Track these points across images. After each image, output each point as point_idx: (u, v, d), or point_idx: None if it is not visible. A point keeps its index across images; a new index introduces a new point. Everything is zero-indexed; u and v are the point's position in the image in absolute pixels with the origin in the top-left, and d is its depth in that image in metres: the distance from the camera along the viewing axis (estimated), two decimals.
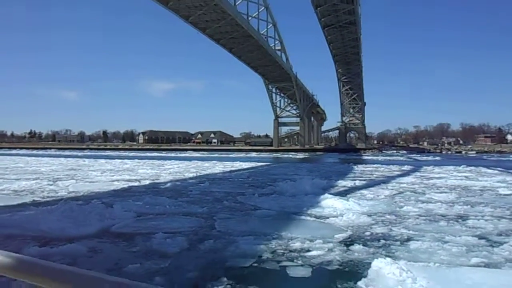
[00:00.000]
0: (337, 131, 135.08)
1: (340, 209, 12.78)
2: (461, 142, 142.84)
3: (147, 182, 21.82)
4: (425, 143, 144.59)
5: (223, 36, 70.71)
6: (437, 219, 11.77)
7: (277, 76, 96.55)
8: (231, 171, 31.02)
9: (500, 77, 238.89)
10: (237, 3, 61.23)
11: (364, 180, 24.05)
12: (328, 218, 11.86)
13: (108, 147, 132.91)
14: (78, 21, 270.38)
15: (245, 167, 36.83)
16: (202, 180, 23.46)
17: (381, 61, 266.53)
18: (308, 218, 12.03)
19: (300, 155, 79.74)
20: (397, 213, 12.68)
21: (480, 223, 11.10)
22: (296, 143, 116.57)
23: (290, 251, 8.61)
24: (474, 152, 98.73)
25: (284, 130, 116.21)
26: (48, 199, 15.60)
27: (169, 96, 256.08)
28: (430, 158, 65.17)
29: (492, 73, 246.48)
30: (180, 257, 8.15)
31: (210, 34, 69.26)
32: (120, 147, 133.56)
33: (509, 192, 18.00)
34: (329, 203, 13.66)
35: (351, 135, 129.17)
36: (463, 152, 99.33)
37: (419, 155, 78.77)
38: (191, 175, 26.81)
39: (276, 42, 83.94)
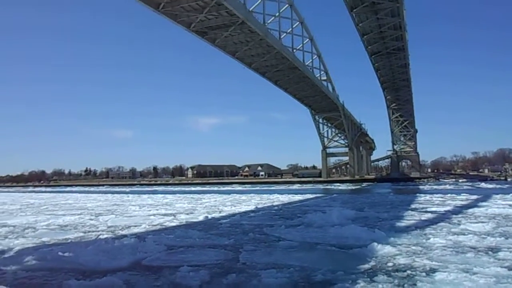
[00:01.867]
0: (387, 160, 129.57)
1: (364, 239, 12.47)
2: None
3: (182, 216, 22.12)
4: (486, 170, 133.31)
5: (268, 69, 71.18)
6: (465, 250, 11.22)
7: (324, 106, 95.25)
8: (265, 204, 30.83)
9: None
10: (282, 37, 61.28)
11: (399, 211, 23.33)
12: (351, 248, 11.60)
13: (159, 182, 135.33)
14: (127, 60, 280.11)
15: (281, 199, 36.51)
16: (235, 213, 23.54)
17: (432, 85, 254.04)
18: (332, 248, 11.81)
19: (351, 186, 76.89)
20: (423, 244, 12.22)
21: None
22: (345, 173, 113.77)
23: (312, 283, 8.51)
24: None
25: (332, 160, 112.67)
26: (88, 233, 16.16)
27: (215, 130, 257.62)
28: (503, 186, 58.97)
29: None
30: None
31: (256, 68, 69.58)
32: (170, 182, 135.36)
33: None
34: (355, 233, 13.37)
35: (403, 163, 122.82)
36: None
37: (482, 183, 70.34)
38: (225, 208, 26.96)
39: (321, 73, 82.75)
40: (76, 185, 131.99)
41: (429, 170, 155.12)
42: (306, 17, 67.81)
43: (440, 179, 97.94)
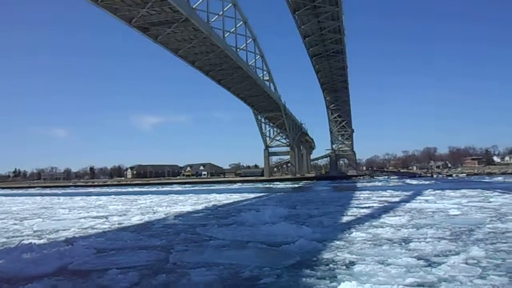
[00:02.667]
0: (326, 159, 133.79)
1: (292, 236, 12.97)
2: (449, 165, 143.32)
3: (114, 218, 21.38)
4: (414, 168, 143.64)
5: (212, 68, 70.79)
6: (382, 243, 12.04)
7: (266, 106, 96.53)
8: (202, 204, 30.55)
9: (484, 99, 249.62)
10: (225, 36, 61.27)
11: (329, 207, 24.37)
12: (280, 246, 12.02)
13: (96, 183, 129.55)
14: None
15: (219, 199, 36.53)
16: (169, 213, 23.26)
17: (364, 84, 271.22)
18: (261, 246, 12.16)
19: (292, 184, 77.97)
20: (346, 238, 12.98)
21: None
22: (286, 172, 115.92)
23: (239, 279, 8.74)
24: (465, 174, 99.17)
25: (273, 159, 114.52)
26: (11, 239, 15.21)
27: (157, 130, 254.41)
28: (426, 182, 64.45)
29: (476, 95, 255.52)
30: None
31: (199, 67, 69.06)
32: (108, 183, 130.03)
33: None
34: (283, 231, 13.86)
35: (341, 162, 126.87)
36: (454, 175, 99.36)
37: (410, 180, 76.95)
38: (160, 209, 26.51)
39: (264, 73, 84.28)
40: (4, 188, 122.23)
41: (364, 168, 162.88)
42: (249, 17, 68.60)
43: (375, 177, 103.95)
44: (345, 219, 18.21)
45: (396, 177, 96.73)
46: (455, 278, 8.12)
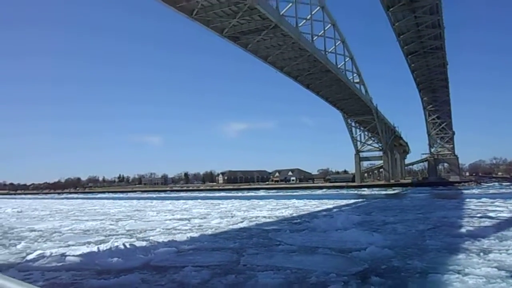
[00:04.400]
0: (421, 164, 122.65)
1: (362, 243, 12.52)
2: None
3: (196, 220, 22.45)
4: None
5: (300, 73, 69.13)
6: (458, 252, 11.16)
7: (357, 109, 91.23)
8: (278, 209, 30.36)
9: None
10: (314, 39, 59.46)
11: (407, 214, 23.11)
12: (350, 252, 11.68)
13: (190, 188, 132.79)
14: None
15: (297, 204, 35.98)
16: (245, 217, 23.75)
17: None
18: (330, 252, 11.90)
19: (387, 191, 70.56)
20: (419, 246, 12.22)
21: None
22: (378, 178, 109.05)
23: (306, 284, 8.67)
24: None
25: (364, 165, 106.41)
26: (108, 237, 16.66)
27: (243, 136, 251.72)
28: None
29: None
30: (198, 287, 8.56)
31: (288, 72, 67.75)
32: (201, 188, 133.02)
33: None
34: (354, 237, 13.43)
35: (440, 167, 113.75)
36: None
37: None
38: (238, 213, 27.17)
39: (354, 75, 79.77)
40: (110, 192, 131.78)
41: (467, 173, 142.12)
42: (337, 19, 66.03)
43: (482, 183, 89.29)
44: (420, 227, 17.07)
45: (509, 183, 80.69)
46: None
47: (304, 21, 56.39)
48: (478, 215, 21.84)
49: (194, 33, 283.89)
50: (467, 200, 36.21)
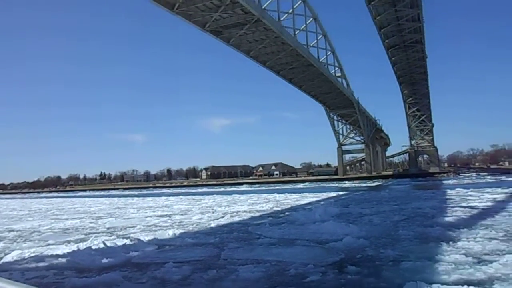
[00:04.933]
0: (401, 156, 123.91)
1: (338, 234, 12.81)
2: None
3: (177, 216, 22.38)
4: (507, 163, 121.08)
5: (283, 67, 69.37)
6: (428, 241, 11.56)
7: (339, 103, 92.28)
8: (259, 204, 30.45)
9: None
10: (296, 33, 59.96)
11: (384, 206, 23.60)
12: (327, 243, 11.95)
13: (174, 184, 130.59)
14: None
15: (278, 198, 36.30)
16: (226, 212, 23.82)
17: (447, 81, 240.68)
18: (308, 244, 12.15)
19: (369, 183, 71.26)
20: (393, 236, 12.61)
21: None
22: (360, 170, 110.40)
23: (285, 276, 8.84)
24: None
25: (346, 158, 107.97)
26: (87, 235, 16.47)
27: (226, 131, 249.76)
28: None
29: None
30: (179, 283, 8.62)
31: (270, 66, 67.89)
32: (185, 184, 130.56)
33: None
34: (331, 229, 13.72)
35: (420, 159, 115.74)
36: None
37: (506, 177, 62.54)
38: (219, 209, 27.19)
39: (336, 69, 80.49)
40: (92, 190, 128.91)
41: (446, 164, 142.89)
42: (319, 13, 66.05)
43: (460, 174, 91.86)
44: (395, 218, 17.54)
45: (486, 173, 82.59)
46: None
47: (286, 15, 56.46)
48: (451, 205, 22.56)
49: (176, 29, 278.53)
50: (443, 190, 37.39)
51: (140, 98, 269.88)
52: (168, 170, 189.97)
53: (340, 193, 42.57)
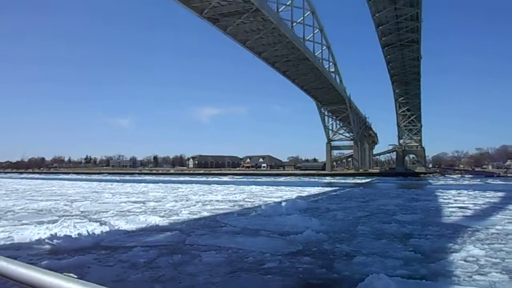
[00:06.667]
0: (388, 155, 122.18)
1: (299, 227, 13.24)
2: None
3: (151, 203, 22.49)
4: (490, 167, 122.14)
5: (278, 59, 67.78)
6: (384, 237, 12.09)
7: (330, 98, 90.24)
8: (234, 194, 30.88)
9: None
10: (293, 25, 58.51)
11: (351, 202, 24.17)
12: (288, 235, 12.35)
13: (160, 172, 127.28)
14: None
15: (253, 190, 36.30)
16: (199, 201, 24.00)
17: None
18: (271, 235, 12.55)
19: (357, 180, 69.75)
20: (351, 231, 13.12)
21: None
22: (347, 167, 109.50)
23: (246, 263, 9.20)
24: None
25: (333, 153, 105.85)
26: (60, 217, 16.43)
27: (215, 121, 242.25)
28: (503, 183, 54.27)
29: None
30: (145, 266, 8.86)
31: (265, 58, 66.38)
32: (171, 172, 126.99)
33: None
34: (294, 222, 14.16)
35: (406, 158, 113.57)
36: None
37: (491, 180, 63.74)
38: (194, 197, 27.37)
39: (330, 64, 78.87)
40: (76, 173, 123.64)
41: (430, 165, 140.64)
42: (317, 7, 64.98)
43: (446, 175, 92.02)
44: (359, 213, 18.14)
45: (470, 175, 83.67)
46: None
47: (284, 6, 55.15)
48: (414, 203, 23.43)
49: (173, 12, 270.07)
50: (423, 189, 38.19)
51: (130, 79, 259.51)
52: (155, 157, 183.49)
53: (318, 188, 42.94)
